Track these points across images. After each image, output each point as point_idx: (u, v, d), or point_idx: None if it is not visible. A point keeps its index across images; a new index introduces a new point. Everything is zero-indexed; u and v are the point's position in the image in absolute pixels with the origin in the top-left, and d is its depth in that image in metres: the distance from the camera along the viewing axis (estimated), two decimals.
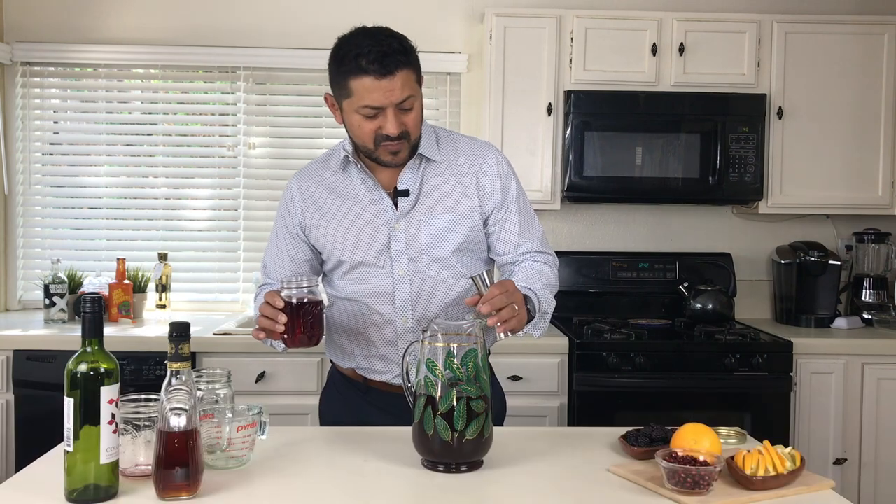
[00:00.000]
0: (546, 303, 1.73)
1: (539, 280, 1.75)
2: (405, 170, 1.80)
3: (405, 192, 1.79)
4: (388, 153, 1.73)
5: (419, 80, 1.73)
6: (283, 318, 1.59)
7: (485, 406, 1.45)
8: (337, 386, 1.96)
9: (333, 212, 1.83)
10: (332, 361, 1.98)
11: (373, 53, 1.63)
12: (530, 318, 1.68)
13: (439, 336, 1.45)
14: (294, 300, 1.61)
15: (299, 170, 1.94)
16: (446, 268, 1.80)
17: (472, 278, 1.61)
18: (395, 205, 1.80)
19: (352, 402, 1.90)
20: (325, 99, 1.79)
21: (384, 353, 1.83)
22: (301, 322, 1.62)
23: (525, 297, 1.67)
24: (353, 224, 1.80)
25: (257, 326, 1.65)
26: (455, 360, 1.43)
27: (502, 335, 1.59)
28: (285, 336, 1.63)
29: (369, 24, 3.33)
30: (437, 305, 1.80)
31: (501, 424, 1.92)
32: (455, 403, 1.42)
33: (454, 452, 1.44)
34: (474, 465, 1.48)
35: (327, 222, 1.83)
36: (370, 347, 1.84)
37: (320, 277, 1.93)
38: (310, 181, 1.88)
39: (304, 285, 1.63)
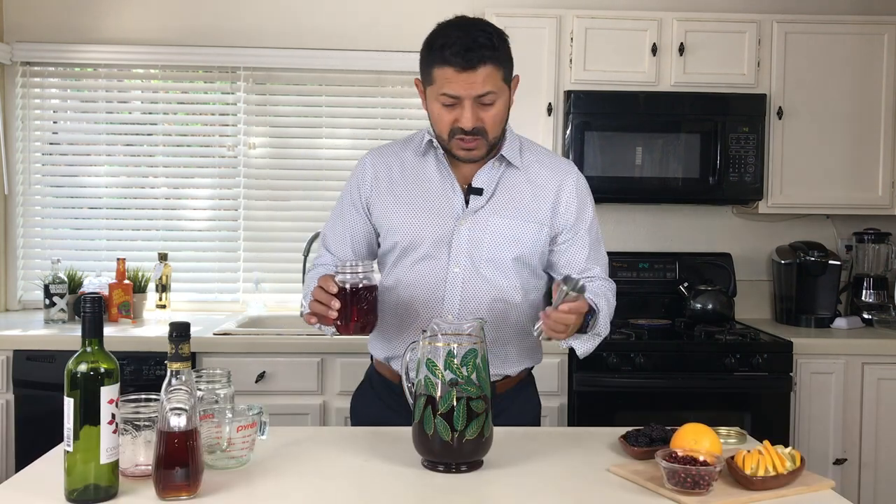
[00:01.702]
0: (603, 327, 1.73)
1: (603, 300, 1.74)
2: (483, 168, 1.79)
3: (479, 191, 1.78)
4: (460, 148, 1.72)
5: (506, 78, 1.71)
6: (336, 304, 1.56)
7: (485, 406, 1.45)
8: (374, 385, 1.93)
9: (403, 191, 1.81)
10: (371, 358, 1.96)
11: (457, 45, 1.63)
12: (583, 329, 1.66)
13: (439, 336, 1.45)
14: (348, 286, 1.58)
15: (374, 148, 1.93)
16: (502, 274, 1.78)
17: (559, 282, 1.54)
18: (467, 202, 1.78)
19: (386, 402, 1.87)
20: (416, 84, 1.79)
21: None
22: (355, 309, 1.59)
23: (590, 311, 1.66)
24: (419, 208, 1.78)
25: (309, 310, 1.63)
26: (455, 360, 1.43)
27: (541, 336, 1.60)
28: (338, 322, 1.60)
29: (370, 24, 3.37)
30: (484, 309, 1.77)
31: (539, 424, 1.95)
32: (455, 403, 1.42)
33: (454, 452, 1.44)
34: (474, 465, 1.48)
35: (394, 200, 1.81)
36: (409, 339, 1.77)
37: (375, 262, 1.90)
38: (385, 158, 1.86)
39: (360, 270, 1.60)
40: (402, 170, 1.83)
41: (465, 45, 1.63)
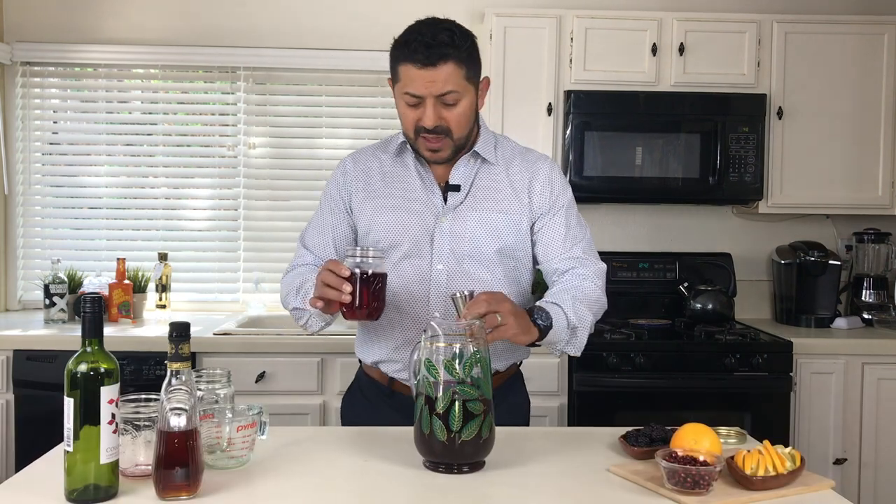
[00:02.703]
0: (577, 319, 1.68)
1: (569, 294, 1.71)
2: (458, 164, 1.80)
3: (456, 188, 1.80)
4: (426, 148, 1.73)
5: (471, 77, 1.71)
6: (348, 288, 1.54)
7: (483, 407, 1.43)
8: (362, 388, 1.93)
9: (382, 192, 1.82)
10: (359, 361, 1.96)
11: (418, 42, 1.65)
12: (542, 335, 1.63)
13: (439, 336, 1.45)
14: (359, 270, 1.57)
15: (354, 150, 1.95)
16: (487, 267, 1.78)
17: (451, 297, 1.57)
18: (445, 199, 1.80)
19: (375, 404, 1.87)
20: (388, 82, 1.80)
21: (409, 346, 1.78)
22: (366, 293, 1.57)
23: (531, 309, 1.64)
24: (399, 207, 1.79)
25: (314, 294, 1.61)
26: (453, 361, 1.43)
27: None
28: (344, 309, 1.58)
29: (371, 24, 3.34)
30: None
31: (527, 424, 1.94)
32: (452, 404, 1.42)
33: (454, 453, 1.43)
34: (475, 465, 1.47)
35: (374, 201, 1.82)
36: (397, 339, 1.80)
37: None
38: (364, 159, 1.88)
39: (371, 255, 1.59)
40: (381, 170, 1.85)
41: (426, 43, 1.64)
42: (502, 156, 1.85)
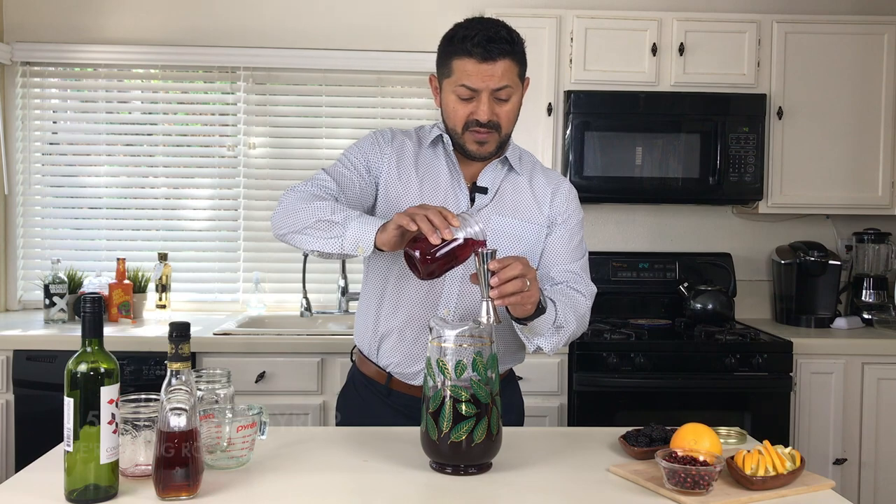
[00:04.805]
0: (563, 319, 1.68)
1: (564, 299, 1.72)
2: (487, 168, 1.81)
3: (484, 190, 1.81)
4: (474, 141, 1.74)
5: (521, 75, 1.75)
6: (448, 235, 1.47)
7: (476, 409, 1.42)
8: (358, 388, 1.91)
9: (412, 176, 1.81)
10: (353, 362, 1.95)
11: (479, 37, 1.67)
12: (538, 312, 1.61)
13: (438, 336, 1.45)
14: (462, 234, 1.49)
15: (394, 127, 1.93)
16: None
17: (474, 252, 1.50)
18: (471, 200, 1.80)
19: (371, 404, 1.87)
20: (430, 80, 1.82)
21: (415, 340, 1.78)
22: (450, 255, 1.50)
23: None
24: (425, 196, 1.78)
25: (405, 213, 1.50)
26: (445, 361, 1.42)
27: (489, 316, 1.46)
28: (416, 252, 1.50)
29: (370, 24, 3.35)
30: (479, 306, 1.74)
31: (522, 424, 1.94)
32: (443, 404, 1.41)
33: (461, 455, 1.43)
34: (483, 467, 1.46)
35: (403, 182, 1.81)
36: (404, 332, 1.79)
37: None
38: (400, 139, 1.87)
39: (480, 227, 1.51)
40: (416, 157, 1.84)
41: (487, 37, 1.67)
42: (526, 168, 1.87)
